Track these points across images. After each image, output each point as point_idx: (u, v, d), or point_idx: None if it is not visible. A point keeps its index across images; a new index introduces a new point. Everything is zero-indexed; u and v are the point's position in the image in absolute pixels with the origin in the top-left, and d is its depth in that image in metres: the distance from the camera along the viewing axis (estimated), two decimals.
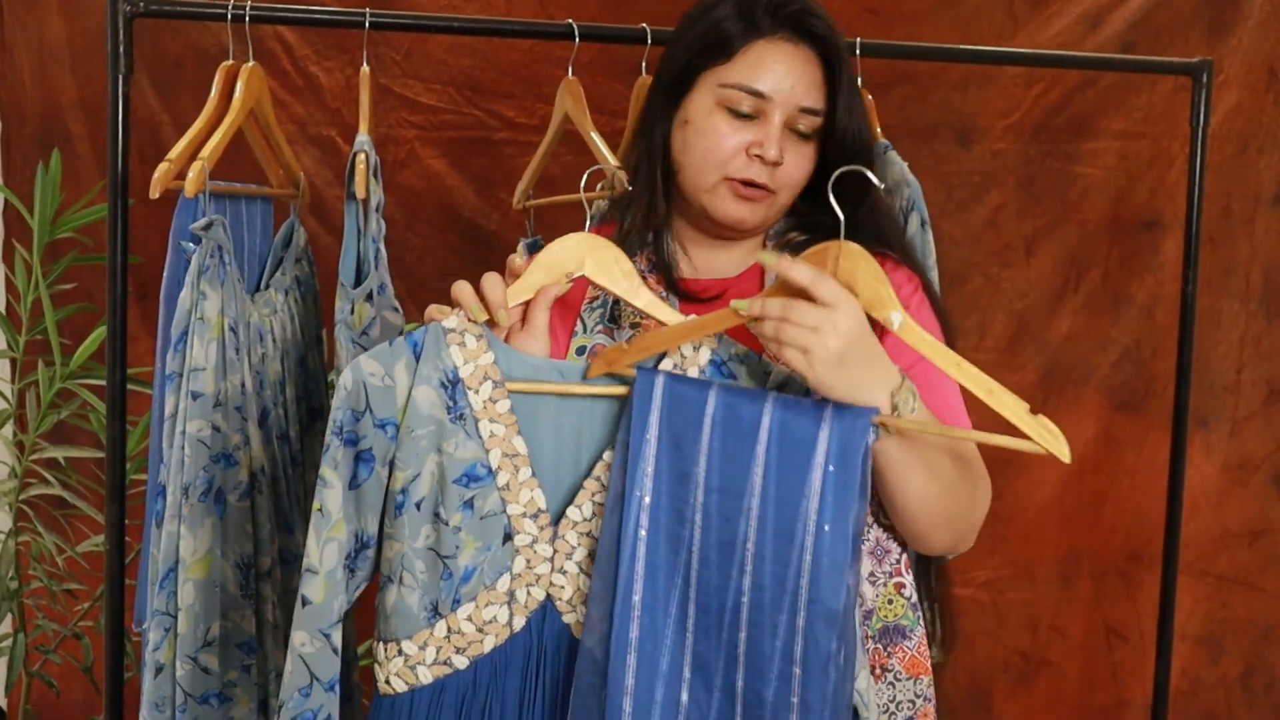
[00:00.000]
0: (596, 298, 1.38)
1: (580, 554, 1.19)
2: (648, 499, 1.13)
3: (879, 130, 1.75)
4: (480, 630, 1.18)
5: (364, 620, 1.93)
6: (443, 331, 1.18)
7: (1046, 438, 1.05)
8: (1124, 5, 2.47)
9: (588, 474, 1.19)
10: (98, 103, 2.40)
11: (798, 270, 1.06)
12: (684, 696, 1.14)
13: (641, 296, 1.19)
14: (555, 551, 1.18)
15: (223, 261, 1.55)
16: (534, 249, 1.83)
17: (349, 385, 1.16)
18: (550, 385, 1.19)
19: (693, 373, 1.17)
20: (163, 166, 1.56)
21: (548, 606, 1.18)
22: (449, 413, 1.17)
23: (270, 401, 1.65)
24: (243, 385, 1.57)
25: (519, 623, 1.18)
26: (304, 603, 1.17)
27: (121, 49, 1.60)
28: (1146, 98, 2.47)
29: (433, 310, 1.20)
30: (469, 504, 1.17)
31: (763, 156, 1.30)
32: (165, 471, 1.54)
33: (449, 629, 1.17)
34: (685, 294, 1.36)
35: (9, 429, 2.27)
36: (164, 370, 1.59)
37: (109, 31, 1.59)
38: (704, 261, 1.39)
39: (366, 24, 1.65)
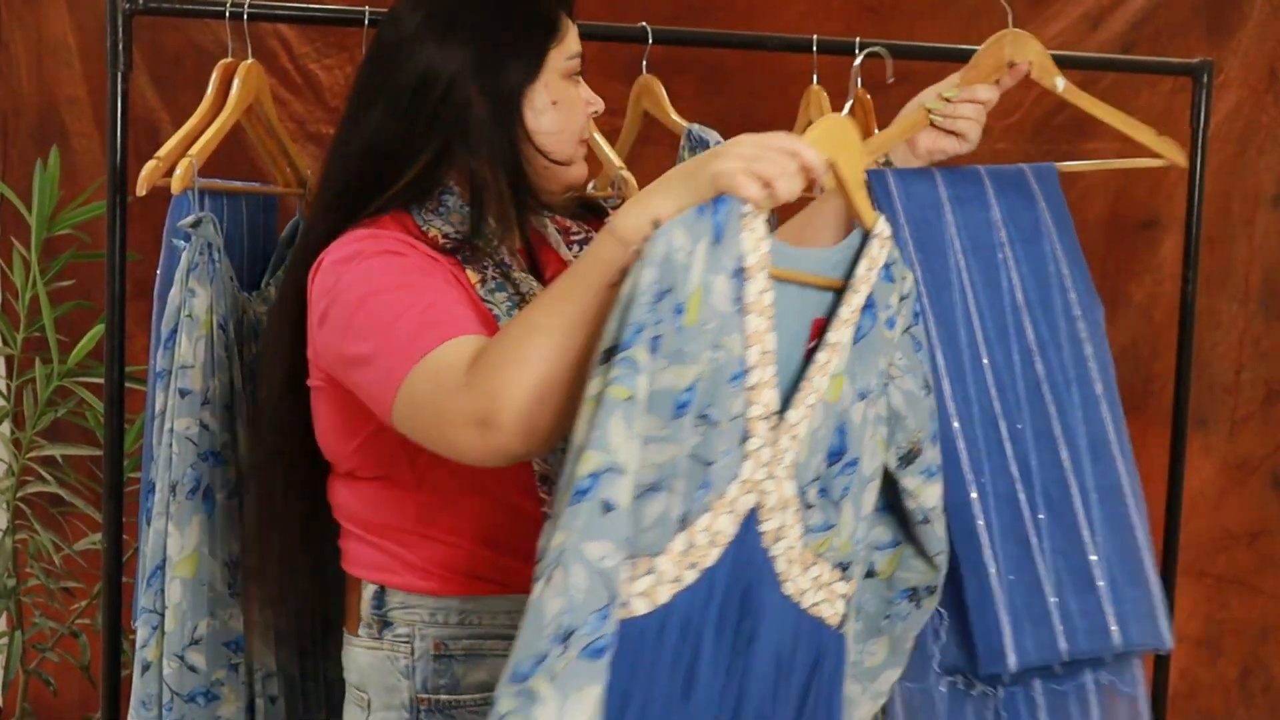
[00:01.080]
0: None
1: (788, 458, 1.12)
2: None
3: (876, 131, 1.75)
4: (711, 542, 1.07)
5: None
6: (740, 213, 1.05)
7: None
8: (1124, 6, 2.47)
9: (801, 375, 1.13)
10: (96, 99, 2.39)
11: (986, 91, 1.48)
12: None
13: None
14: (772, 456, 1.11)
15: (212, 259, 1.54)
16: None
17: (660, 256, 1.00)
18: (808, 275, 1.13)
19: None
20: (151, 164, 1.56)
21: (753, 513, 1.11)
22: (733, 305, 1.06)
23: None
24: (232, 383, 1.57)
25: (734, 531, 1.09)
26: (606, 508, 0.97)
27: (121, 46, 1.59)
28: (1146, 98, 2.47)
29: (738, 177, 1.02)
30: (726, 405, 1.07)
31: (597, 110, 1.38)
32: (154, 467, 1.54)
33: (690, 542, 1.06)
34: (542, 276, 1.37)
35: (6, 426, 2.27)
36: (155, 367, 1.59)
37: (108, 28, 1.59)
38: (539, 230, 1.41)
39: (366, 21, 1.64)
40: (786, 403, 1.12)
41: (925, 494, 1.31)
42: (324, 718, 1.63)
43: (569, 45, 1.34)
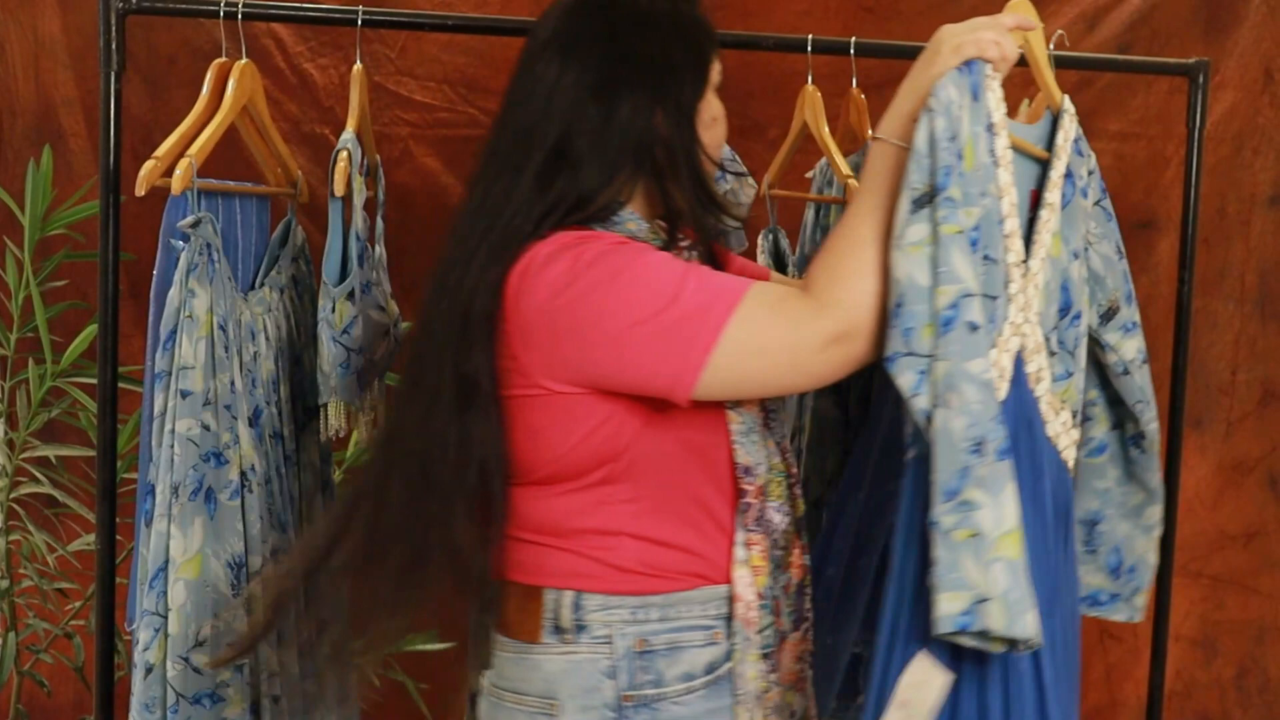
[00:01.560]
0: None
1: (1036, 304, 1.28)
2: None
3: (870, 133, 1.74)
4: (1000, 375, 1.22)
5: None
6: (985, 74, 1.24)
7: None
8: (1121, 6, 2.47)
9: (1031, 231, 1.31)
10: (92, 100, 2.39)
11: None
12: None
13: None
14: (1025, 302, 1.26)
15: (211, 259, 1.54)
16: None
17: (944, 106, 1.20)
18: (1024, 143, 1.32)
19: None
20: (150, 164, 1.55)
21: (1019, 355, 1.25)
22: (989, 156, 1.22)
23: (263, 400, 1.65)
24: (232, 384, 1.56)
25: (1012, 369, 1.25)
26: (972, 328, 1.16)
27: (114, 46, 1.59)
28: (1143, 99, 2.47)
29: (981, 42, 1.25)
30: (999, 247, 1.24)
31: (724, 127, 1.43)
32: (154, 470, 1.53)
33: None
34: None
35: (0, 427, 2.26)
36: (153, 369, 1.58)
37: (101, 28, 1.59)
38: None
39: (359, 21, 1.64)
40: (1027, 254, 1.30)
41: (1125, 347, 1.51)
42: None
43: (715, 59, 1.38)
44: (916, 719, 1.23)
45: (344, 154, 1.59)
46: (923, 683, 1.24)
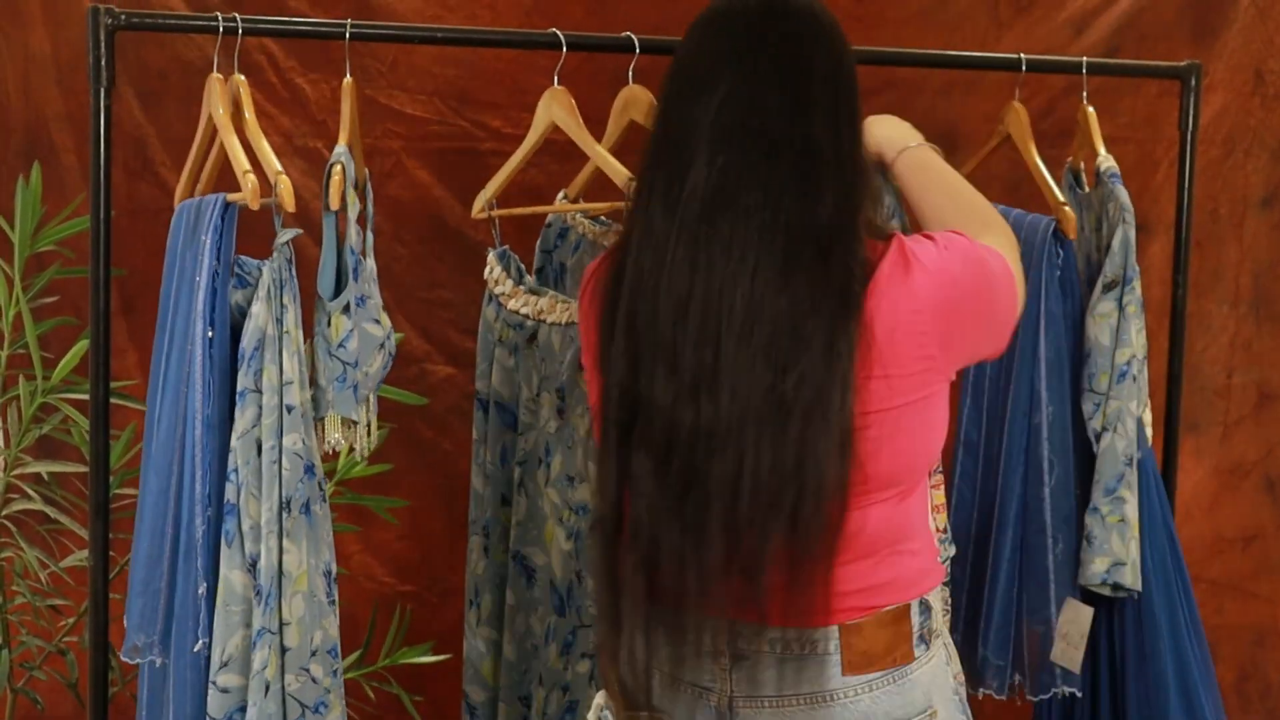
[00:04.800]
0: None
1: None
2: None
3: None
4: (1145, 417, 1.89)
5: (349, 632, 1.92)
6: None
7: None
8: (1109, 10, 2.47)
9: None
10: (82, 115, 2.38)
11: None
12: None
13: None
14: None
15: (293, 274, 1.55)
16: (503, 259, 1.82)
17: (1133, 211, 1.71)
18: None
19: None
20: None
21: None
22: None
23: None
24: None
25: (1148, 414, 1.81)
26: (1134, 380, 1.77)
27: (103, 61, 1.59)
28: (1131, 102, 2.47)
29: None
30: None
31: None
32: (233, 488, 1.51)
33: None
34: None
35: None
36: (160, 383, 1.58)
37: (90, 43, 1.58)
38: None
39: (348, 35, 1.64)
40: None
41: None
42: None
43: None
44: (1074, 643, 1.78)
45: (338, 167, 1.59)
46: (1075, 618, 1.79)
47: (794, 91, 1.26)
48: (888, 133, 1.54)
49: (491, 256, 1.82)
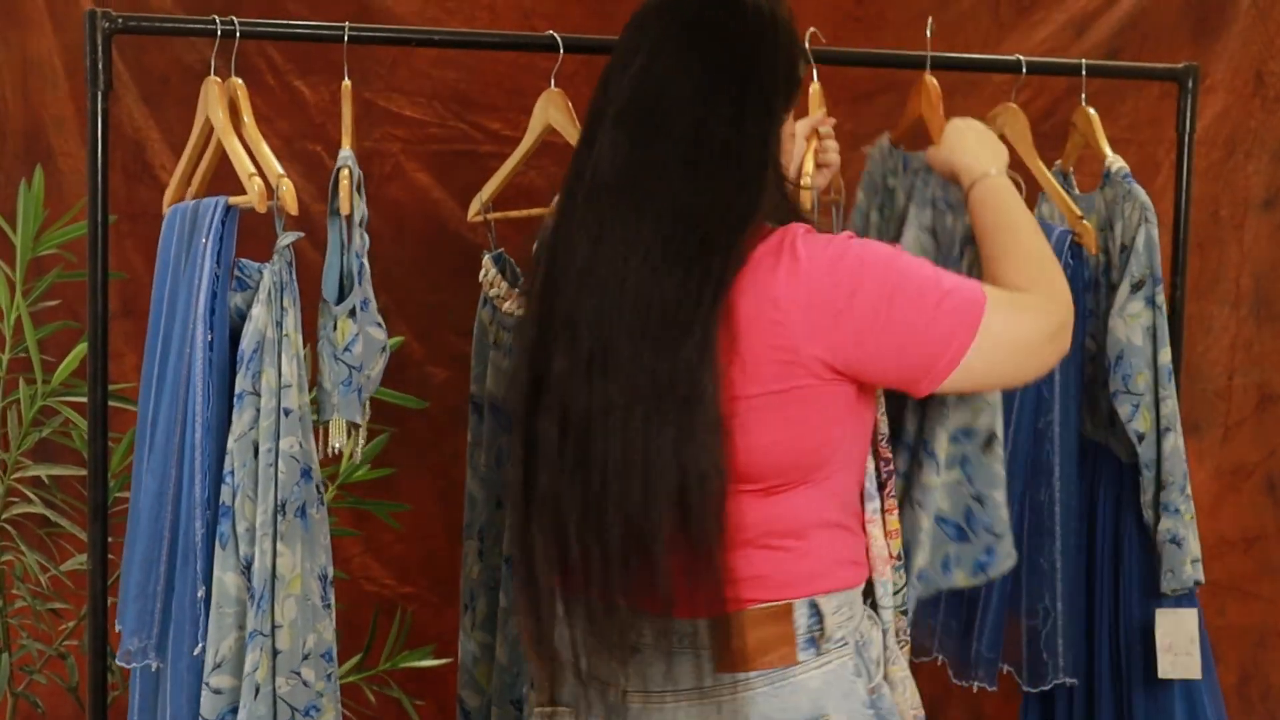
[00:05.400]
0: None
1: None
2: None
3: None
4: None
5: (348, 640, 1.91)
6: None
7: None
8: (1109, 12, 2.47)
9: None
10: (83, 119, 2.37)
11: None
12: None
13: None
14: None
15: (293, 277, 1.55)
16: (498, 262, 1.82)
17: (1154, 212, 1.83)
18: None
19: None
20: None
21: None
22: None
23: None
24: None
25: None
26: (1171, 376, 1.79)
27: (100, 65, 1.59)
28: (1132, 104, 2.47)
29: None
30: None
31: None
32: (229, 490, 1.51)
33: None
34: None
35: None
36: (153, 387, 1.57)
37: (87, 47, 1.59)
38: None
39: (345, 38, 1.64)
40: None
41: None
42: None
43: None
44: (1183, 649, 1.72)
45: (345, 171, 1.59)
46: (1176, 626, 1.73)
47: (699, 79, 1.27)
48: (971, 151, 1.53)
49: (487, 259, 1.82)
